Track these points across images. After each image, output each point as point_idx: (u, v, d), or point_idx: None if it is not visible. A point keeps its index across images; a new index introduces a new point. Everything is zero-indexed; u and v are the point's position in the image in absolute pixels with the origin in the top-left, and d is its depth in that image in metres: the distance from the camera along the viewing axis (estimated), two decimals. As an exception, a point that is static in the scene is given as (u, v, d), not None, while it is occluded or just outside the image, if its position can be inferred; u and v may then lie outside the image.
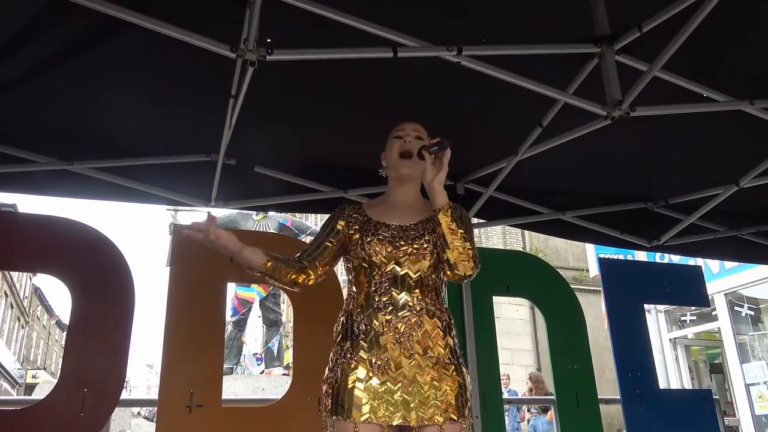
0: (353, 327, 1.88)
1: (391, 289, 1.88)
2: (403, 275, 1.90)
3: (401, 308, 1.86)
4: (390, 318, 1.84)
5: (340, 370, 1.83)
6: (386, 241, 1.93)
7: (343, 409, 1.75)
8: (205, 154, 3.24)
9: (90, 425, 3.02)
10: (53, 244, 3.20)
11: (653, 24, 2.19)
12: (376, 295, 1.88)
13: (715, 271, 9.48)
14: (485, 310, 3.89)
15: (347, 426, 1.74)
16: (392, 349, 1.81)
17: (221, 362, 3.34)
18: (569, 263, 15.47)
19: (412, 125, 2.09)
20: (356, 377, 1.79)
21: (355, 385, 1.78)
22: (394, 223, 1.98)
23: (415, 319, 1.85)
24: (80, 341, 3.11)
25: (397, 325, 1.84)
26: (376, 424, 1.74)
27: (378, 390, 1.77)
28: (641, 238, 4.38)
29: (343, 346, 1.87)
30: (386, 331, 1.83)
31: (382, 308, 1.86)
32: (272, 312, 10.02)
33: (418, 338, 1.83)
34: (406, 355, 1.81)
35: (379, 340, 1.82)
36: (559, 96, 2.49)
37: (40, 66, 2.57)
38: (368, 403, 1.75)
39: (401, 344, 1.82)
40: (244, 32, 2.03)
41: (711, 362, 11.44)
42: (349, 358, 1.83)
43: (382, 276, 1.90)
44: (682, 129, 3.11)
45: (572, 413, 3.88)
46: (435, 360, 1.83)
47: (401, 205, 2.05)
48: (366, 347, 1.82)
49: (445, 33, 2.27)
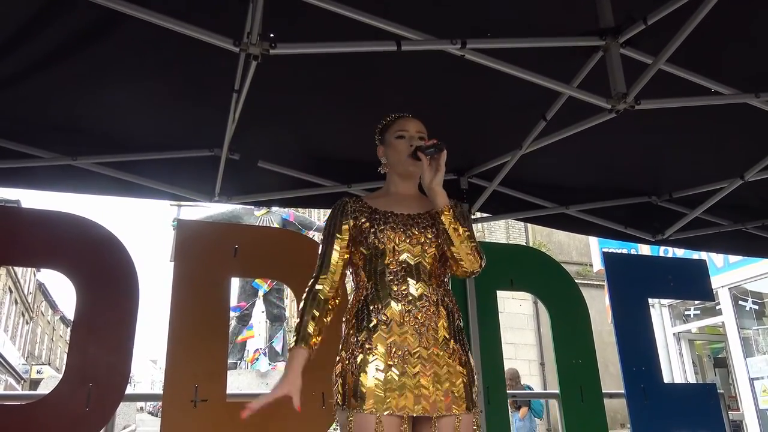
0: (370, 317, 1.85)
1: (408, 279, 1.87)
2: (417, 264, 1.89)
3: (419, 298, 1.85)
4: (410, 308, 1.83)
5: (356, 361, 1.80)
6: (399, 229, 1.91)
7: (363, 401, 1.73)
8: (209, 149, 3.24)
9: (95, 420, 3.03)
10: (57, 239, 3.20)
11: (658, 17, 2.18)
12: (393, 285, 1.86)
13: (720, 265, 9.46)
14: (489, 304, 3.88)
15: (368, 418, 1.72)
16: (413, 340, 1.79)
17: (225, 357, 3.34)
18: (572, 258, 15.45)
19: (416, 126, 2.06)
20: (375, 368, 1.76)
21: (375, 376, 1.75)
22: (401, 212, 1.97)
23: (433, 309, 1.85)
24: (85, 336, 3.11)
25: (416, 316, 1.82)
26: (398, 415, 1.73)
27: (398, 381, 1.75)
28: (645, 232, 4.37)
29: (358, 337, 1.84)
30: (406, 321, 1.81)
31: (401, 298, 1.84)
32: (276, 307, 10.05)
33: (435, 328, 1.83)
34: (425, 346, 1.80)
35: (399, 330, 1.81)
36: (563, 89, 2.48)
37: (43, 61, 2.57)
38: (390, 395, 1.73)
39: (421, 335, 1.80)
40: (248, 26, 2.02)
41: (715, 356, 11.43)
42: (367, 349, 1.80)
43: (397, 265, 1.88)
44: (687, 122, 3.09)
45: (576, 407, 3.88)
46: (451, 351, 1.83)
47: (404, 197, 2.04)
48: (385, 338, 1.80)
49: (450, 26, 2.26)
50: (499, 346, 3.84)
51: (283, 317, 10.29)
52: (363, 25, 2.16)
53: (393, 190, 2.09)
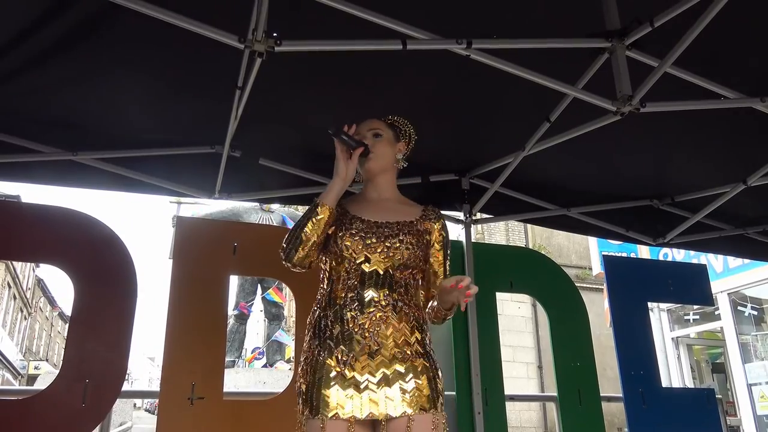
0: (321, 324, 1.89)
1: (359, 286, 1.88)
2: (371, 272, 1.89)
3: (367, 305, 1.85)
4: (355, 314, 1.84)
5: (310, 368, 1.84)
6: (357, 236, 1.91)
7: (312, 407, 1.77)
8: (210, 146, 3.23)
9: (91, 416, 3.02)
10: (56, 234, 3.19)
11: (665, 19, 2.16)
12: (343, 292, 1.88)
13: (719, 270, 9.45)
14: (488, 306, 3.87)
15: (314, 423, 1.75)
16: (358, 346, 1.81)
17: (223, 355, 3.32)
18: (572, 261, 15.44)
19: (368, 125, 2.08)
20: (324, 374, 1.80)
21: (323, 383, 1.79)
22: (369, 218, 1.96)
23: (380, 314, 1.85)
24: (82, 332, 3.10)
25: (361, 322, 1.83)
26: (343, 420, 1.75)
27: (344, 386, 1.78)
28: (646, 235, 4.36)
29: (312, 344, 1.88)
30: (351, 328, 1.83)
31: (349, 304, 1.86)
32: (274, 306, 10.03)
33: (384, 334, 1.83)
34: (370, 352, 1.81)
35: (346, 336, 1.83)
36: (568, 90, 2.47)
37: (45, 56, 2.55)
38: (335, 400, 1.76)
39: (366, 340, 1.81)
40: (252, 22, 2.00)
41: (713, 362, 11.42)
42: (317, 355, 1.84)
43: (349, 272, 1.89)
44: (690, 125, 3.08)
45: (574, 410, 3.87)
46: (402, 355, 1.82)
47: (376, 201, 2.04)
48: (332, 345, 1.83)
49: (455, 26, 2.25)
50: (497, 348, 3.83)
51: (281, 316, 10.28)
52: (368, 24, 2.15)
53: (367, 193, 2.10)
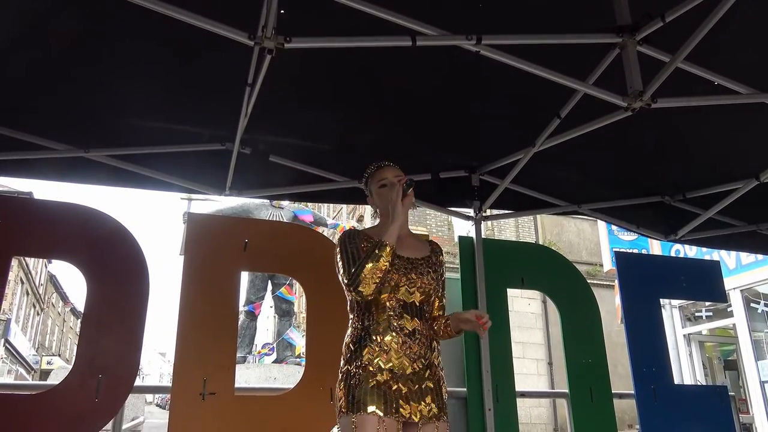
0: (371, 341, 2.17)
1: (404, 315, 2.20)
2: (411, 303, 2.22)
3: (412, 332, 2.19)
4: (405, 339, 2.17)
5: (360, 375, 2.12)
6: (401, 272, 2.22)
7: (365, 406, 2.05)
8: (220, 143, 3.24)
9: (104, 411, 3.05)
10: (69, 231, 3.22)
11: (677, 14, 2.15)
12: (393, 319, 2.19)
13: (732, 267, 9.38)
14: (500, 302, 3.86)
15: (370, 418, 2.04)
16: (406, 363, 2.16)
17: (234, 350, 3.34)
18: (582, 257, 15.40)
19: (393, 171, 2.33)
20: (376, 381, 2.10)
21: (376, 388, 2.09)
22: (403, 255, 2.25)
23: (424, 341, 2.21)
24: (95, 328, 3.13)
25: (411, 346, 2.17)
26: (394, 419, 2.08)
27: (394, 393, 2.10)
28: (658, 232, 4.33)
29: (363, 355, 2.15)
30: (403, 349, 2.16)
31: (399, 330, 2.17)
32: (284, 302, 10.04)
33: (424, 356, 2.19)
34: (415, 369, 2.16)
35: (397, 354, 2.15)
36: (578, 86, 2.46)
37: (57, 54, 2.57)
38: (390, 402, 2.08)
39: (414, 361, 2.17)
40: (262, 19, 2.01)
41: (725, 359, 11.34)
42: (369, 365, 2.13)
43: (395, 302, 2.20)
44: (702, 121, 3.06)
45: (586, 407, 3.85)
46: (433, 374, 2.21)
47: (402, 238, 2.27)
48: (384, 360, 2.14)
49: (465, 21, 2.24)
50: (508, 345, 3.82)
51: (291, 312, 10.29)
52: (378, 20, 2.15)
53: None
